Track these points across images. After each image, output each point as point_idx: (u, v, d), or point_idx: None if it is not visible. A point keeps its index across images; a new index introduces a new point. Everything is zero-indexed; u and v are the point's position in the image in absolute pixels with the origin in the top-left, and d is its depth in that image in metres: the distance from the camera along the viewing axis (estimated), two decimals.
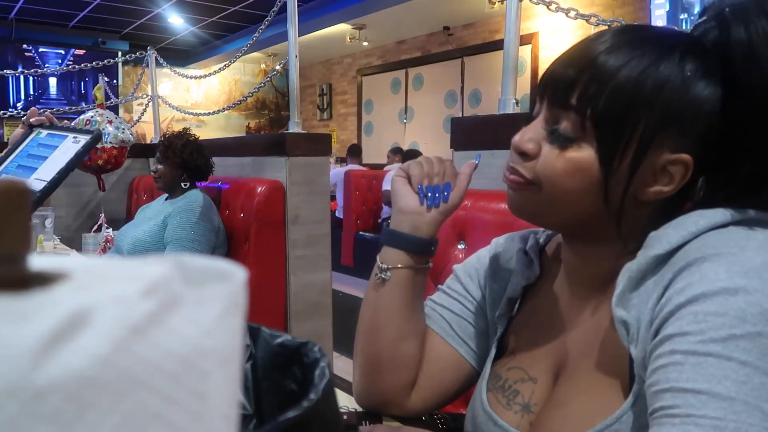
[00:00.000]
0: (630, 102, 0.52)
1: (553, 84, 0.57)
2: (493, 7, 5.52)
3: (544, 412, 0.60)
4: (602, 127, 0.53)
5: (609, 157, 0.54)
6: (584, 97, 0.54)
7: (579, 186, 0.56)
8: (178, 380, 0.15)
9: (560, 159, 0.56)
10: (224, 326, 0.17)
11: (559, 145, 0.56)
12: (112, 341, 0.14)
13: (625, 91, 0.52)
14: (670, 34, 0.56)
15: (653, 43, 0.54)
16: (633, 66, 0.53)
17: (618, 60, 0.53)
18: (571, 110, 0.55)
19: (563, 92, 0.55)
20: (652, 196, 0.55)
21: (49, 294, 0.15)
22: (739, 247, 0.46)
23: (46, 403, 0.13)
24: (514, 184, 0.60)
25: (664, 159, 0.53)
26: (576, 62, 0.56)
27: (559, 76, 0.56)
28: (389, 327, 0.71)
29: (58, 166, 1.23)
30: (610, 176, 0.54)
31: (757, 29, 0.51)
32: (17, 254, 0.16)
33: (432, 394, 0.73)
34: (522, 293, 0.71)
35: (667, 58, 0.52)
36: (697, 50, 0.54)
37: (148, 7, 6.40)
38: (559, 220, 0.61)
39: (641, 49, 0.53)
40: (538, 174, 0.57)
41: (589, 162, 0.54)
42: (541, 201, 0.58)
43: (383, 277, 0.70)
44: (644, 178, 0.54)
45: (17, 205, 0.16)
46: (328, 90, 8.83)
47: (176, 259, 0.18)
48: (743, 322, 0.42)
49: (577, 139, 0.55)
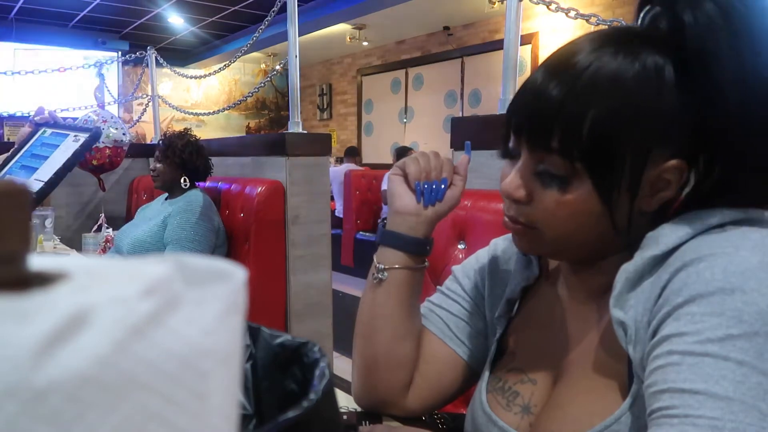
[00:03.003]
0: (613, 133, 0.50)
1: (524, 130, 0.55)
2: (493, 7, 5.52)
3: (544, 413, 0.60)
4: (592, 165, 0.51)
5: (607, 191, 0.52)
6: (566, 141, 0.52)
7: (583, 224, 0.55)
8: (178, 380, 0.15)
9: (558, 205, 0.54)
10: (224, 326, 0.17)
11: (551, 187, 0.54)
12: (112, 341, 0.14)
13: (606, 124, 0.50)
14: (624, 43, 0.52)
15: (616, 61, 0.51)
16: (608, 91, 0.50)
17: (594, 85, 0.51)
18: (555, 153, 0.52)
19: (541, 137, 0.53)
20: (656, 205, 0.55)
21: (49, 294, 0.15)
22: (735, 247, 0.46)
23: (45, 403, 0.13)
24: (515, 230, 0.59)
25: (659, 170, 0.53)
26: (544, 105, 0.53)
27: (531, 122, 0.54)
28: (386, 327, 0.71)
29: (57, 166, 1.24)
30: (612, 206, 0.53)
31: (704, 14, 0.49)
32: (17, 254, 0.16)
33: (429, 394, 0.73)
34: (521, 294, 0.71)
35: (634, 74, 0.50)
36: (657, 49, 0.51)
37: (148, 7, 6.39)
38: (572, 254, 0.61)
39: (613, 62, 0.51)
40: (537, 220, 0.56)
41: (587, 201, 0.53)
42: (548, 242, 0.57)
43: (380, 277, 0.70)
44: (644, 193, 0.54)
45: (17, 206, 0.16)
46: (328, 90, 8.82)
47: (176, 259, 0.18)
48: (740, 322, 0.42)
49: (568, 176, 0.53)
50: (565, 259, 0.64)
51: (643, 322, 0.49)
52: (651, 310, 0.49)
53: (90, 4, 6.34)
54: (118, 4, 6.32)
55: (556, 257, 0.66)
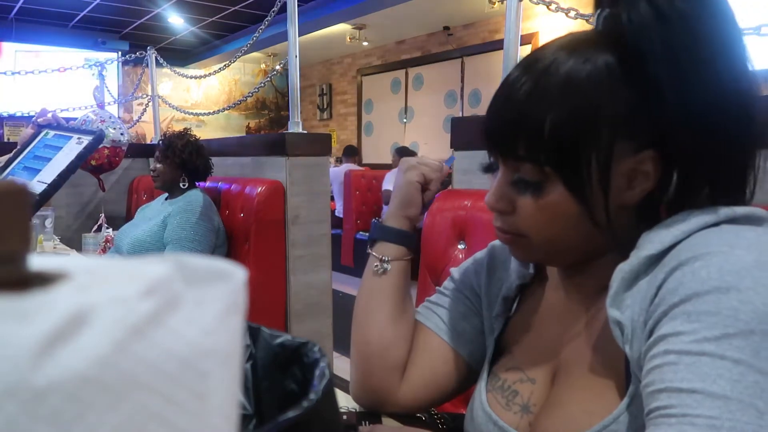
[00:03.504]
0: (573, 133, 0.53)
1: (494, 141, 0.58)
2: (493, 7, 5.52)
3: (543, 412, 0.60)
4: (560, 166, 0.54)
5: (580, 190, 0.54)
6: (531, 147, 0.54)
7: (565, 226, 0.56)
8: (178, 380, 0.15)
9: (537, 211, 0.56)
10: (224, 326, 0.17)
11: (528, 194, 0.57)
12: (112, 341, 0.14)
13: (565, 125, 0.53)
14: (577, 47, 0.54)
15: (568, 64, 0.53)
16: (561, 95, 0.53)
17: (547, 92, 0.53)
18: (525, 160, 0.55)
19: (509, 147, 0.56)
20: (638, 197, 0.55)
21: (49, 294, 0.15)
22: (730, 245, 0.46)
23: (45, 403, 0.13)
24: (505, 240, 0.62)
25: (631, 163, 0.53)
26: (507, 114, 0.56)
27: (499, 133, 0.57)
28: (382, 310, 0.75)
29: (60, 168, 1.24)
30: (590, 205, 0.54)
31: (638, 13, 0.51)
32: (17, 254, 0.16)
33: (423, 388, 0.74)
34: (518, 293, 0.72)
35: (587, 74, 0.52)
36: (608, 48, 0.53)
37: (148, 7, 6.40)
38: (564, 258, 0.62)
39: (563, 67, 0.53)
40: (523, 227, 0.59)
41: (564, 202, 0.55)
42: (537, 248, 0.60)
43: (386, 267, 0.76)
44: (622, 187, 0.54)
45: (17, 206, 0.16)
46: (328, 90, 8.83)
47: (176, 259, 0.18)
48: (736, 321, 0.42)
49: (542, 181, 0.55)
50: (559, 264, 0.65)
51: (640, 322, 0.49)
52: (647, 309, 0.49)
53: (90, 4, 6.34)
54: (118, 4, 6.32)
55: (550, 263, 0.67)
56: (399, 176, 0.77)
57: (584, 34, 0.57)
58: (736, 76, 0.51)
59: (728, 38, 0.51)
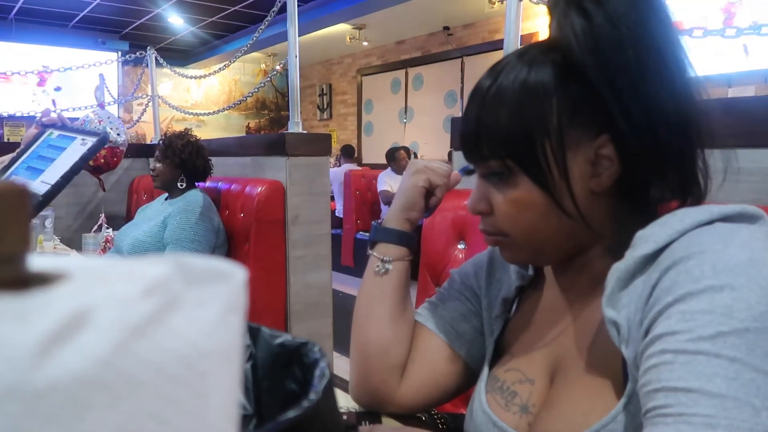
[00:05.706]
0: (524, 127, 0.56)
1: (463, 143, 0.62)
2: (493, 7, 5.52)
3: (542, 412, 0.60)
4: (519, 159, 0.57)
5: (542, 180, 0.57)
6: (491, 144, 0.58)
7: (536, 216, 0.58)
8: (178, 380, 0.15)
9: (509, 206, 0.59)
10: (224, 326, 0.17)
11: (499, 188, 0.60)
12: (112, 342, 0.14)
13: (515, 121, 0.56)
14: (527, 52, 0.59)
15: (518, 66, 0.57)
16: (510, 94, 0.57)
17: (498, 94, 0.57)
18: (489, 158, 0.59)
19: (473, 147, 0.60)
20: (607, 182, 0.57)
21: (49, 294, 0.15)
22: (724, 243, 0.46)
23: (45, 403, 0.13)
24: (491, 241, 0.64)
25: (591, 149, 0.56)
26: (471, 117, 0.60)
27: (466, 136, 0.61)
28: (382, 309, 0.75)
29: (63, 169, 1.23)
30: (555, 193, 0.57)
31: (571, 23, 0.54)
32: (17, 254, 0.16)
33: (423, 387, 0.74)
34: (517, 294, 0.72)
35: (537, 72, 0.56)
36: (554, 50, 0.56)
37: (148, 7, 6.39)
38: (549, 255, 0.63)
39: (512, 71, 0.57)
40: (502, 225, 0.61)
41: (531, 194, 0.58)
42: (520, 246, 0.62)
43: (388, 267, 0.76)
44: (586, 174, 0.56)
45: (17, 206, 0.16)
46: (328, 90, 8.83)
47: (176, 259, 0.18)
48: (730, 319, 0.42)
49: (509, 176, 0.59)
50: (547, 262, 0.67)
51: (636, 321, 0.50)
52: (643, 309, 0.49)
53: (90, 4, 6.34)
54: (118, 4, 6.32)
55: (538, 262, 0.68)
56: (405, 178, 0.77)
57: (540, 41, 0.61)
58: (671, 79, 0.54)
59: (665, 42, 0.53)
